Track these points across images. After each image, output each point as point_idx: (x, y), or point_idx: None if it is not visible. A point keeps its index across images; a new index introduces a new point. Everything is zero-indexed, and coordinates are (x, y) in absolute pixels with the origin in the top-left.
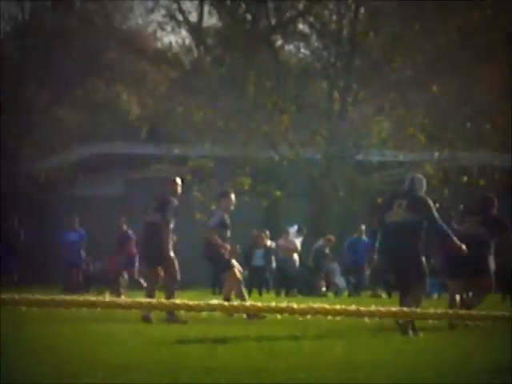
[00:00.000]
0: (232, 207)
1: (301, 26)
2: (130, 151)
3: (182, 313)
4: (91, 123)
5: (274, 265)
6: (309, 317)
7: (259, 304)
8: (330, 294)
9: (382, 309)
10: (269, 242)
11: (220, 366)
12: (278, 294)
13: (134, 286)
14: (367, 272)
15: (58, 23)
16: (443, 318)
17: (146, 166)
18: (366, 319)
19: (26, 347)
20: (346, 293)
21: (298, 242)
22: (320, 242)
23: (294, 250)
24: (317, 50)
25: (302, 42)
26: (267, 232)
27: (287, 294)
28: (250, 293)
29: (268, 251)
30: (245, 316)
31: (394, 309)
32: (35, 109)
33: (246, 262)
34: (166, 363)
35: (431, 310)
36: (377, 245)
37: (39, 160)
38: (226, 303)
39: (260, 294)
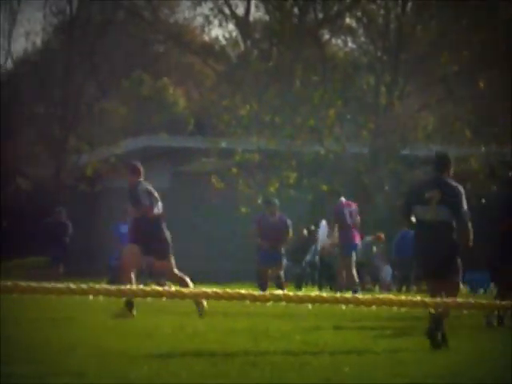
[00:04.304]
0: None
1: (348, 20)
2: (176, 144)
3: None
4: (138, 116)
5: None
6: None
7: (324, 295)
8: (377, 290)
9: (446, 300)
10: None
11: (265, 359)
12: (320, 288)
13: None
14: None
15: (105, 17)
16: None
17: (192, 159)
18: (431, 310)
19: (69, 338)
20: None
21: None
22: (369, 238)
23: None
24: (364, 44)
25: (348, 36)
26: (312, 227)
27: (331, 289)
28: (300, 288)
29: (316, 246)
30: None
31: (459, 300)
32: (82, 101)
33: (297, 258)
34: (212, 356)
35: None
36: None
37: (86, 153)
38: (290, 293)
39: (300, 288)
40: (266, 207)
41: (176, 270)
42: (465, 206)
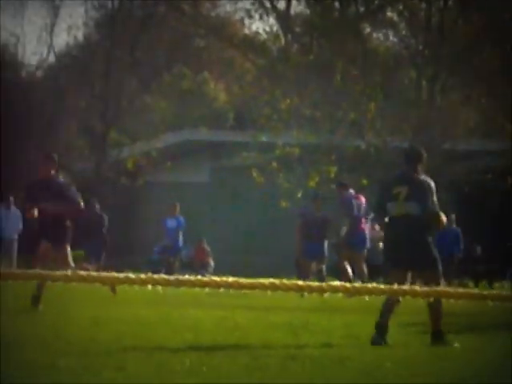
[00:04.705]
0: None
1: (389, 14)
2: (216, 138)
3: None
4: (178, 110)
5: None
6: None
7: (382, 286)
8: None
9: (504, 293)
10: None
11: (305, 353)
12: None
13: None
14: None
15: (147, 11)
16: None
17: (232, 154)
18: (490, 302)
19: (110, 333)
20: None
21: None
22: None
23: (380, 239)
24: (405, 38)
25: (390, 30)
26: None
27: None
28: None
29: None
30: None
31: None
32: (123, 96)
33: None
34: (252, 349)
35: None
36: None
37: (127, 146)
38: (346, 284)
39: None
40: (313, 201)
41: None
42: (434, 200)
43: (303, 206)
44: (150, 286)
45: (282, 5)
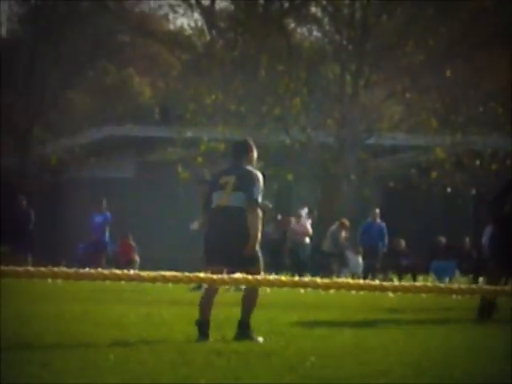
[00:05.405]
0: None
1: (313, 9)
2: (141, 134)
3: None
4: (103, 106)
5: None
6: (332, 292)
7: (283, 278)
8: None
9: (405, 284)
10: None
11: (231, 348)
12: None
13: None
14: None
15: (70, 6)
16: (475, 293)
17: (157, 149)
18: (390, 294)
19: (33, 328)
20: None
21: (308, 224)
22: (334, 226)
23: (306, 233)
24: (329, 34)
25: (314, 26)
26: (279, 216)
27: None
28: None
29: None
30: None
31: (417, 284)
32: (47, 91)
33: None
34: (178, 344)
35: (458, 285)
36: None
37: (51, 142)
38: (249, 276)
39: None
40: None
41: None
42: (256, 192)
43: None
44: (49, 280)
45: (206, 0)
